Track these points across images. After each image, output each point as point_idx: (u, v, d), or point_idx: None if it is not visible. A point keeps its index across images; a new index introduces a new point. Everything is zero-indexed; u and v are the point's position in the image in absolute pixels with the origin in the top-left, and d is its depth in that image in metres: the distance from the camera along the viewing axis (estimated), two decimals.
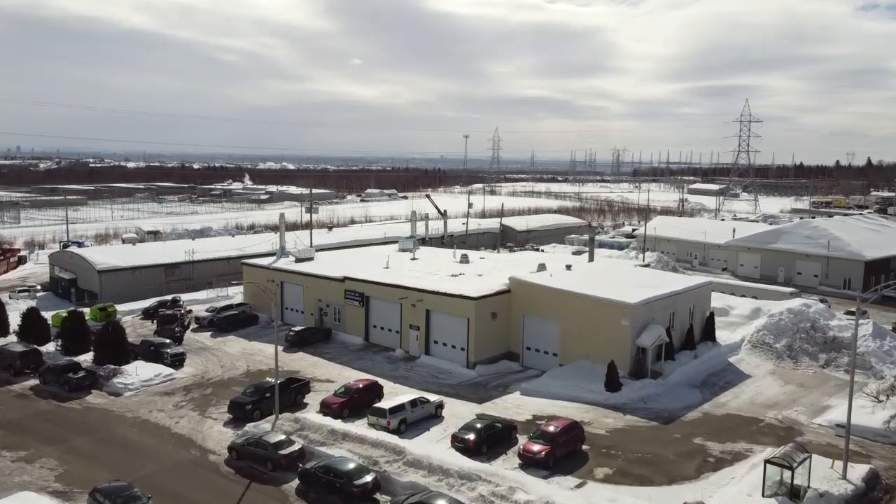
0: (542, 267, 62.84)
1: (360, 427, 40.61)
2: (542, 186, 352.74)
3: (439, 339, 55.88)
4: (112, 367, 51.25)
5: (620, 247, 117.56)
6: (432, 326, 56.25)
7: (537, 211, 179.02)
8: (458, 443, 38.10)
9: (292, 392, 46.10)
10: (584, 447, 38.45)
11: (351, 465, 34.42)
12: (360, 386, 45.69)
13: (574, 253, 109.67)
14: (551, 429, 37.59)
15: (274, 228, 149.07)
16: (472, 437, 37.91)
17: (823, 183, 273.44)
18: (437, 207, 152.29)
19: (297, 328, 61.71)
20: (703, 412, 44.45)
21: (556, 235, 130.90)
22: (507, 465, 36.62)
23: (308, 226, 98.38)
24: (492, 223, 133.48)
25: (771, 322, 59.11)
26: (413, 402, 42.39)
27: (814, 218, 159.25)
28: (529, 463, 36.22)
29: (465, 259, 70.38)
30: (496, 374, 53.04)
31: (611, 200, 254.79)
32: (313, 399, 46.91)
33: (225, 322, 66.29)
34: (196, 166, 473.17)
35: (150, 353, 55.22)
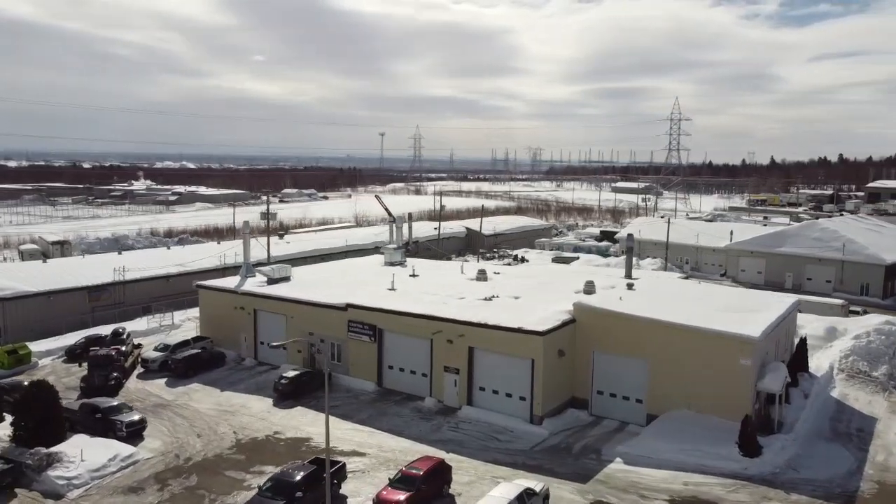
0: (590, 286, 51.61)
1: None
2: (470, 186, 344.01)
3: (487, 386, 43.44)
4: (44, 451, 35.66)
5: (600, 251, 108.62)
6: (477, 369, 43.73)
7: (494, 212, 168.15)
8: None
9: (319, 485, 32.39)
10: None
11: None
12: (423, 470, 32.57)
13: (557, 260, 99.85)
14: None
15: (205, 234, 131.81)
16: None
17: (752, 181, 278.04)
18: (387, 210, 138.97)
19: (290, 373, 47.41)
20: (874, 481, 34.28)
21: (525, 239, 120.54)
22: None
23: (266, 233, 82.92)
24: (453, 226, 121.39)
25: (859, 345, 50.45)
26: (520, 498, 29.82)
27: (766, 218, 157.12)
28: None
29: (482, 276, 58.06)
30: (568, 429, 41.32)
31: (545, 200, 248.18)
32: (354, 488, 33.49)
33: (184, 364, 51.14)
34: (87, 165, 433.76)
35: (96, 422, 39.85)
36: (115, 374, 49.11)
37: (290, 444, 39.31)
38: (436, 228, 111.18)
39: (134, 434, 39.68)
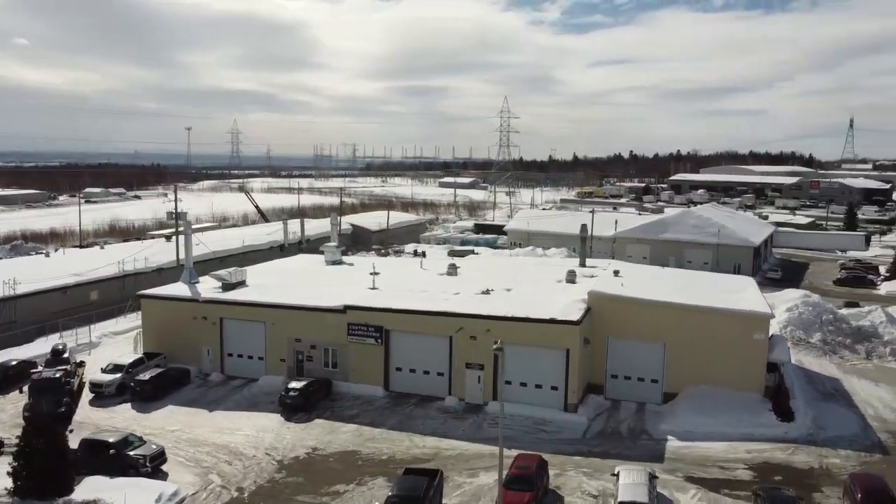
0: (571, 275, 53.54)
1: None
2: (300, 182, 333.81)
3: (514, 379, 43.31)
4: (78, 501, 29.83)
5: (489, 244, 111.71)
6: (503, 363, 43.36)
7: (354, 210, 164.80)
8: None
9: (437, 495, 30.66)
10: None
11: None
12: (533, 468, 32.00)
13: (453, 254, 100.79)
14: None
15: (36, 239, 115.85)
16: None
17: (577, 176, 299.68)
18: (257, 208, 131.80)
19: (296, 384, 43.55)
20: (886, 431, 39.41)
21: (408, 234, 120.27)
22: None
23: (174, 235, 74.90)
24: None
25: (793, 316, 57.23)
26: (650, 480, 30.43)
27: (615, 208, 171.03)
28: None
29: (453, 270, 57.49)
30: (599, 414, 42.58)
31: (384, 196, 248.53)
32: (461, 495, 32.04)
33: (152, 385, 45.05)
34: None
35: (108, 460, 33.98)
36: (65, 400, 42.21)
37: (340, 459, 36.47)
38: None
39: (156, 469, 34.47)
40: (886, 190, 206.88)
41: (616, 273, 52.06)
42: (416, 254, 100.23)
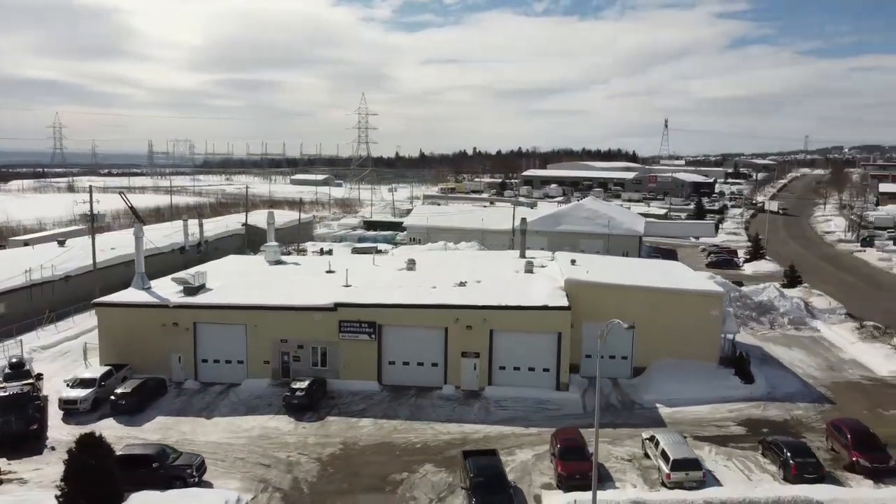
0: (529, 265, 57.38)
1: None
2: (144, 181, 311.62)
3: (507, 365, 46.18)
4: None
5: (387, 240, 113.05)
6: (497, 350, 46.15)
7: (219, 210, 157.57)
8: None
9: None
10: None
11: None
12: (581, 440, 35.08)
13: (357, 251, 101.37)
14: None
15: None
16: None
17: (430, 173, 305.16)
18: (132, 209, 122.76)
19: (300, 384, 43.25)
20: (823, 385, 46.91)
21: (301, 233, 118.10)
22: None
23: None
24: (228, 223, 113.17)
25: None
26: (686, 441, 34.62)
27: (491, 203, 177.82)
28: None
29: (412, 265, 58.96)
30: (586, 390, 46.54)
31: (240, 194, 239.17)
32: (523, 469, 34.31)
33: (137, 398, 42.76)
34: None
35: (150, 473, 32.48)
36: (36, 416, 39.28)
37: (377, 451, 37.29)
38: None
39: (200, 478, 33.45)
40: (710, 183, 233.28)
41: (573, 262, 56.48)
42: (322, 252, 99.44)
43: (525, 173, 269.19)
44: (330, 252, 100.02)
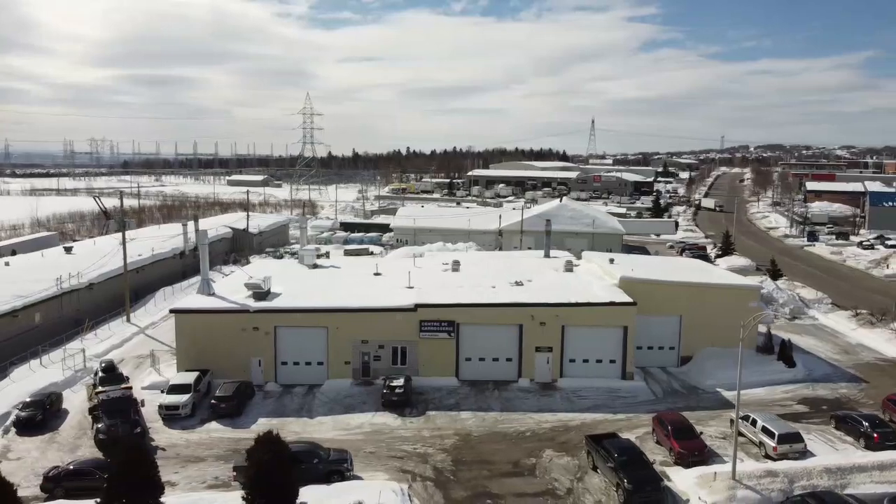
0: (569, 264, 61.21)
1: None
2: (65, 182, 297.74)
3: (576, 357, 49.81)
4: None
5: (373, 241, 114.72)
6: (568, 344, 49.69)
7: (169, 213, 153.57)
8: None
9: None
10: None
11: None
12: (687, 421, 39.12)
13: (349, 253, 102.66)
14: None
15: None
16: None
17: (381, 173, 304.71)
18: (103, 209, 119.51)
19: (397, 381, 45.55)
20: (849, 365, 52.83)
21: (280, 236, 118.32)
22: None
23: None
24: (216, 227, 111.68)
25: None
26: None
27: (458, 203, 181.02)
28: None
29: (457, 266, 61.66)
30: (654, 376, 50.83)
31: (184, 196, 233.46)
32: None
33: (236, 401, 44.05)
34: None
35: (313, 469, 34.24)
36: (139, 419, 40.33)
37: (492, 440, 40.02)
38: (304, 228, 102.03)
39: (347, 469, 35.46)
40: (650, 182, 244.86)
41: (611, 261, 60.68)
42: (319, 255, 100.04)
43: (471, 173, 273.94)
44: (327, 255, 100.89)
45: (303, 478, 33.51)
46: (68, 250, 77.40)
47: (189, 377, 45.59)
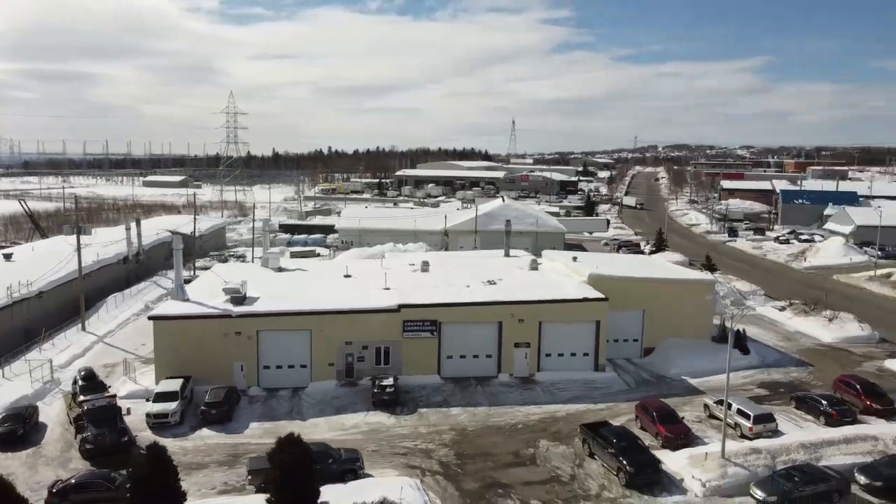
0: (534, 263, 63.56)
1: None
2: None
3: (552, 352, 52.11)
4: None
5: (317, 243, 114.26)
6: (546, 339, 51.91)
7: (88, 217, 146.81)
8: None
9: None
10: None
11: None
12: (669, 406, 41.96)
13: (296, 255, 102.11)
14: None
15: None
16: None
17: (308, 173, 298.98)
18: (32, 218, 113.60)
19: (387, 381, 46.48)
20: (796, 350, 57.47)
21: (219, 239, 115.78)
22: None
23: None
24: (153, 231, 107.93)
25: None
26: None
27: (395, 204, 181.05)
28: None
29: (426, 267, 62.87)
30: (622, 368, 53.70)
31: (100, 198, 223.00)
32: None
33: (226, 407, 43.88)
34: None
35: (328, 469, 34.83)
36: (126, 428, 39.94)
37: (486, 433, 41.67)
38: (266, 231, 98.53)
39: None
40: (575, 182, 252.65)
41: (575, 259, 63.46)
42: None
43: (399, 173, 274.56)
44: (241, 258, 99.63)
45: (319, 478, 34.20)
46: (8, 257, 73.59)
47: (175, 384, 44.95)
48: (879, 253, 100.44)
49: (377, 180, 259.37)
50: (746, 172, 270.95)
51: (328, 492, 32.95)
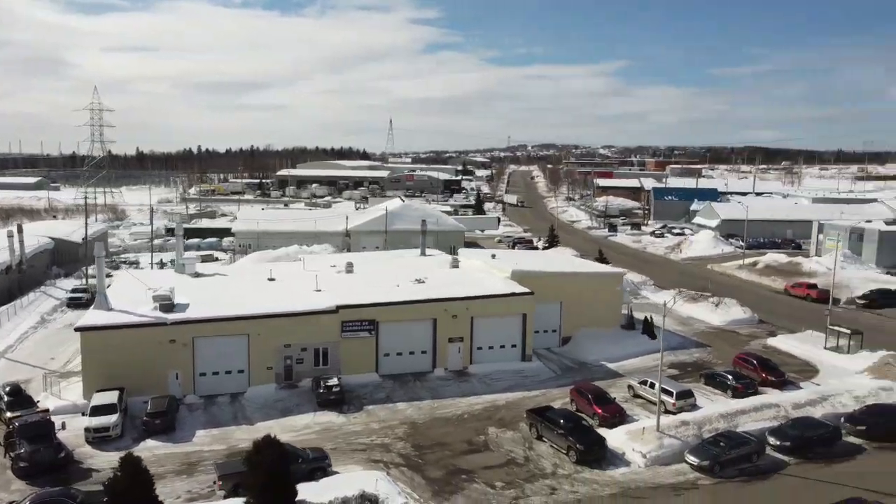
0: (455, 261, 66.08)
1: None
2: None
3: (483, 345, 54.83)
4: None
5: (212, 247, 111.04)
6: (477, 333, 54.51)
7: None
8: None
9: None
10: None
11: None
12: (600, 388, 45.76)
13: (206, 259, 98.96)
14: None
15: None
16: None
17: (186, 172, 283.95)
18: None
19: (332, 381, 47.16)
20: (691, 335, 63.58)
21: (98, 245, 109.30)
22: None
23: None
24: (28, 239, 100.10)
25: None
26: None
27: (286, 205, 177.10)
28: None
29: (350, 268, 63.63)
30: (545, 357, 57.28)
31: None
32: None
33: (169, 417, 43.03)
34: None
35: (298, 468, 35.31)
36: (62, 443, 38.79)
37: (436, 425, 43.56)
38: (180, 236, 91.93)
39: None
40: (458, 181, 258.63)
41: (493, 256, 66.60)
42: (162, 264, 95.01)
43: (280, 173, 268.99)
44: (171, 262, 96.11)
45: (293, 478, 34.79)
46: None
47: (111, 396, 43.35)
48: (742, 244, 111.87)
49: (258, 181, 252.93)
50: (615, 171, 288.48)
51: (303, 490, 33.52)
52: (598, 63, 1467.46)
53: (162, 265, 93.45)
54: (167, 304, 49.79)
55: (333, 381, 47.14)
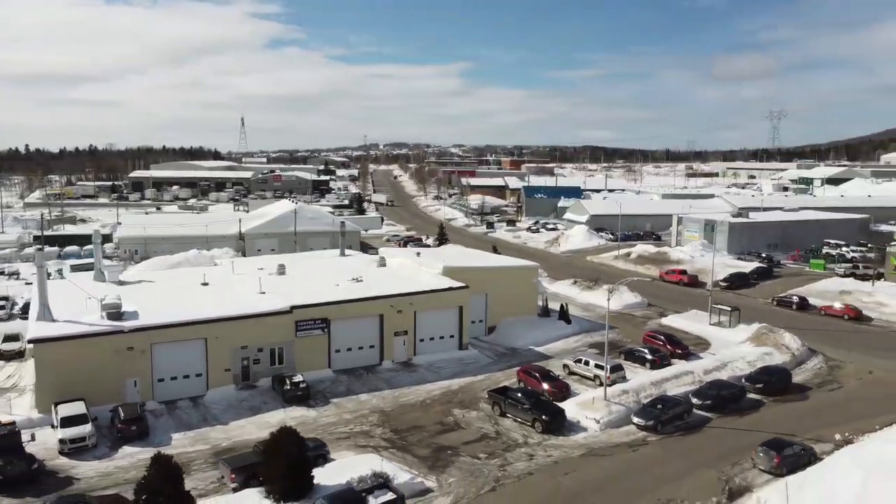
0: (382, 260, 69.41)
1: None
2: None
3: (425, 337, 58.72)
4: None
5: (80, 255, 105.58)
6: (420, 326, 58.27)
7: None
8: None
9: None
10: None
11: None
12: (546, 368, 51.33)
13: (78, 269, 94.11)
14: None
15: None
16: None
17: (15, 174, 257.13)
18: None
19: (297, 378, 49.03)
20: (596, 318, 71.13)
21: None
22: None
23: None
24: None
25: None
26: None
27: (158, 209, 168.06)
28: None
29: (282, 270, 64.84)
30: (476, 345, 62.11)
31: None
32: None
33: (144, 423, 43.40)
34: None
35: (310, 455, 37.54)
36: (33, 455, 38.80)
37: (405, 410, 47.04)
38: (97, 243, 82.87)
39: None
40: (327, 181, 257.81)
41: (418, 254, 70.54)
42: (60, 273, 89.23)
43: (133, 174, 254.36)
44: (60, 272, 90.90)
45: None
46: None
47: (79, 407, 42.69)
48: (612, 236, 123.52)
49: (110, 183, 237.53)
50: (477, 170, 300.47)
51: (321, 472, 36.07)
52: (444, 63, 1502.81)
53: (61, 274, 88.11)
54: (115, 313, 49.10)
55: (299, 378, 49.06)
